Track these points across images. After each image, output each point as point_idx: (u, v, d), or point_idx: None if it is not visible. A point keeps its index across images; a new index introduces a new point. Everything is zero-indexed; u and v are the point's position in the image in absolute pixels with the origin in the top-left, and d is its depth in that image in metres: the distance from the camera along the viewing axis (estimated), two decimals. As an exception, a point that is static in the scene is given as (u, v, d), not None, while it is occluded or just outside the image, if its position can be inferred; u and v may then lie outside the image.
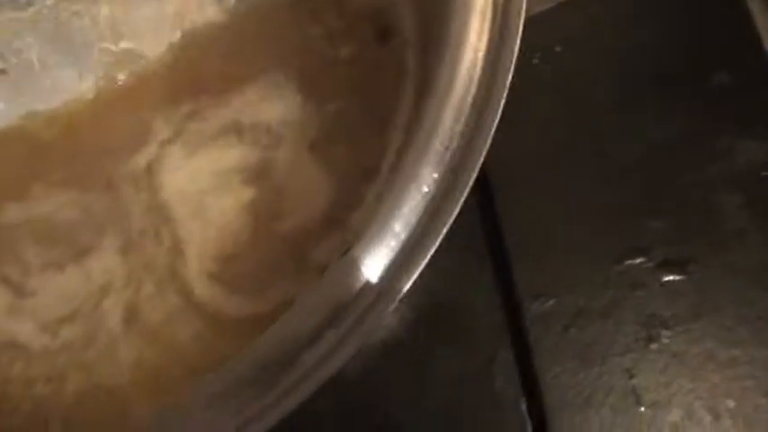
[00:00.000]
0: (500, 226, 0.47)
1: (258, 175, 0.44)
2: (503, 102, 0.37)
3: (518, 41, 0.37)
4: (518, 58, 0.38)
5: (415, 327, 0.46)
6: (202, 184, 0.45)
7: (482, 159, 0.37)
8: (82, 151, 0.45)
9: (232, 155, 0.45)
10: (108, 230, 0.44)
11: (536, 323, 0.46)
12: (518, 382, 0.46)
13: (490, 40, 0.38)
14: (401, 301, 0.36)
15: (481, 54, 0.38)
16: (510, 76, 0.37)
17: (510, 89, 0.37)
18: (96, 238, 0.44)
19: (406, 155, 0.38)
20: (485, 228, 0.47)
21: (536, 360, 0.45)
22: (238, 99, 0.45)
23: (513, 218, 0.47)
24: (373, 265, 0.37)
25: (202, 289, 0.44)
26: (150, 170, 0.45)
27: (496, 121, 0.37)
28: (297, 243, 0.43)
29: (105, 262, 0.44)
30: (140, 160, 0.45)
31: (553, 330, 0.46)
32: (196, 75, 0.46)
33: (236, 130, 0.45)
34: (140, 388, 0.42)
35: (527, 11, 0.38)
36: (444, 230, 0.37)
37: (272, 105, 0.45)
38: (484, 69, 0.38)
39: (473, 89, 0.38)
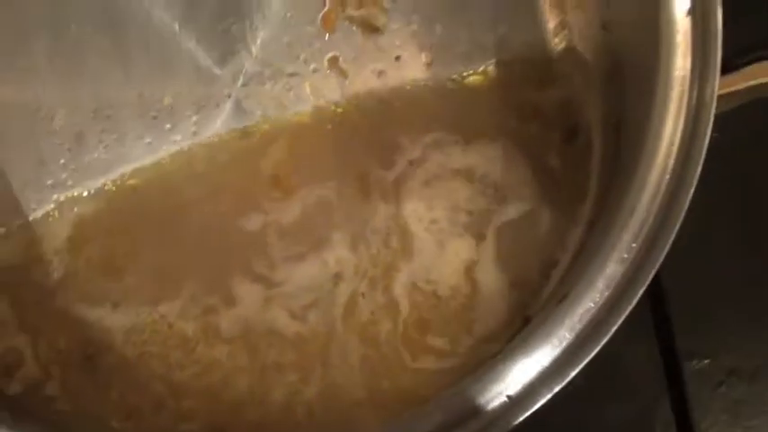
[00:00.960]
0: (662, 290, 0.53)
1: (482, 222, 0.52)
2: (693, 187, 0.44)
3: (708, 136, 0.44)
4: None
5: (585, 378, 0.52)
6: (436, 213, 0.52)
7: (674, 235, 0.44)
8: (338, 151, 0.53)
9: (462, 194, 0.52)
10: (341, 226, 0.52)
11: (692, 380, 0.52)
12: (675, 430, 0.52)
13: (683, 134, 0.45)
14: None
15: (675, 147, 0.45)
16: (700, 168, 0.44)
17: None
18: (330, 231, 0.52)
19: (607, 231, 0.45)
20: (649, 292, 0.54)
21: (692, 413, 0.52)
22: (475, 150, 0.53)
23: (675, 284, 0.53)
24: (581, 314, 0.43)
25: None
26: (397, 184, 0.53)
27: (687, 203, 0.44)
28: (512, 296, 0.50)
29: (338, 253, 0.52)
30: (390, 175, 0.53)
31: (708, 387, 0.52)
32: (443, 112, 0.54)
33: (468, 176, 0.53)
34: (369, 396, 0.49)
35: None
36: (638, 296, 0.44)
37: (497, 168, 0.53)
38: (677, 158, 0.44)
39: (667, 176, 0.44)
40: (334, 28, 0.55)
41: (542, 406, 0.48)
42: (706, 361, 0.53)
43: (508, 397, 0.42)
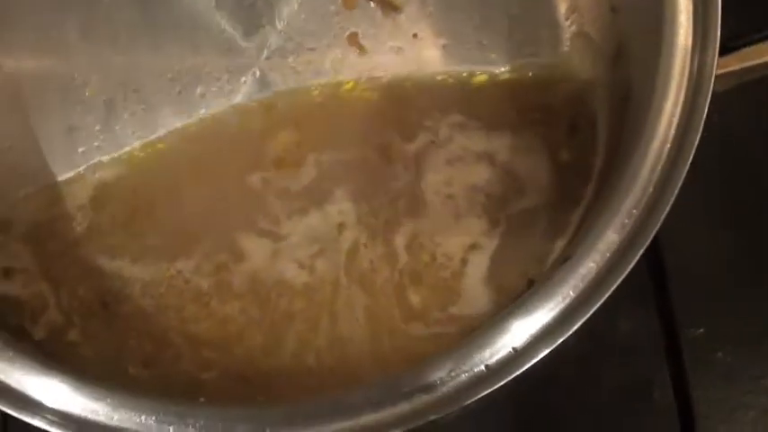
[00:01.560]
0: (661, 260, 0.56)
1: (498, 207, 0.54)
2: (691, 155, 0.46)
3: (706, 107, 0.47)
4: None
5: (587, 344, 0.54)
6: (454, 189, 0.55)
7: (671, 203, 0.46)
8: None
9: (483, 177, 0.55)
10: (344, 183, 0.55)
11: (690, 347, 0.55)
12: (672, 394, 0.54)
13: (684, 105, 0.47)
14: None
15: (676, 118, 0.47)
16: (698, 137, 0.47)
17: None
18: (332, 188, 0.55)
19: (610, 199, 0.47)
20: (648, 262, 0.56)
21: (689, 380, 0.54)
22: (499, 138, 0.55)
23: (673, 254, 0.56)
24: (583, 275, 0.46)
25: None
26: (417, 159, 0.55)
27: (684, 172, 0.46)
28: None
29: (340, 206, 0.55)
30: (412, 147, 0.56)
31: (705, 354, 0.54)
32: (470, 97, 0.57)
33: (490, 161, 0.55)
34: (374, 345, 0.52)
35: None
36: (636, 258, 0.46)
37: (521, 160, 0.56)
38: (677, 129, 0.47)
39: (668, 144, 0.47)
40: (354, 5, 0.58)
41: (543, 371, 0.49)
42: (702, 329, 0.55)
43: (514, 349, 0.44)
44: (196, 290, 0.54)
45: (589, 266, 0.46)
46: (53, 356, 0.51)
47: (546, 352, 0.44)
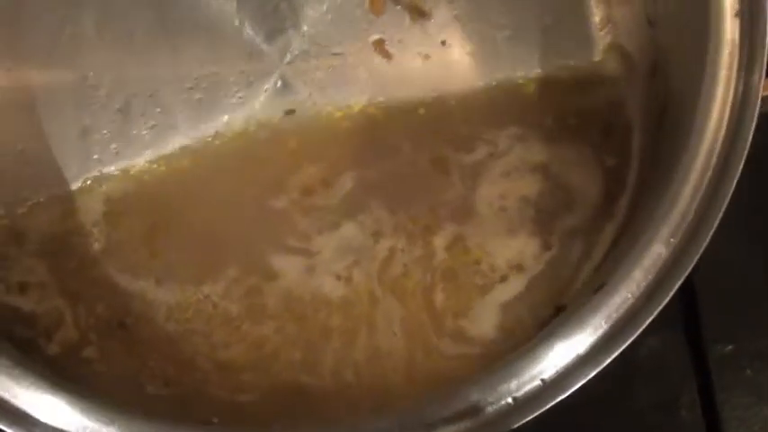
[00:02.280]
0: (689, 277, 0.55)
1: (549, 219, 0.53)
2: (734, 183, 0.45)
3: (752, 131, 0.46)
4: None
5: (613, 363, 0.53)
6: (507, 203, 0.53)
7: (713, 230, 0.45)
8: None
9: (535, 190, 0.54)
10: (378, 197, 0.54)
11: (717, 364, 0.54)
12: (700, 412, 0.54)
13: (728, 130, 0.46)
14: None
15: (719, 143, 0.46)
16: (743, 161, 0.45)
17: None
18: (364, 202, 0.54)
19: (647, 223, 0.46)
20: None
21: (716, 397, 0.54)
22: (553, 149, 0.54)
23: (701, 270, 0.55)
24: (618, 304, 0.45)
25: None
26: (474, 172, 0.54)
27: (728, 199, 0.45)
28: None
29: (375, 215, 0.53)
30: (468, 159, 0.54)
31: (732, 371, 0.54)
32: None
33: (544, 172, 0.54)
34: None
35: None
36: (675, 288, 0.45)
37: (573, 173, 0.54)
38: (720, 153, 0.46)
39: (709, 172, 0.46)
40: (381, 11, 0.56)
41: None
42: (731, 346, 0.55)
43: (542, 380, 0.43)
44: (225, 314, 0.52)
45: (624, 296, 0.44)
46: (65, 371, 0.50)
47: (577, 386, 0.43)
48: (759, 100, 0.46)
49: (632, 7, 0.55)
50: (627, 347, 0.52)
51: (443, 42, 0.56)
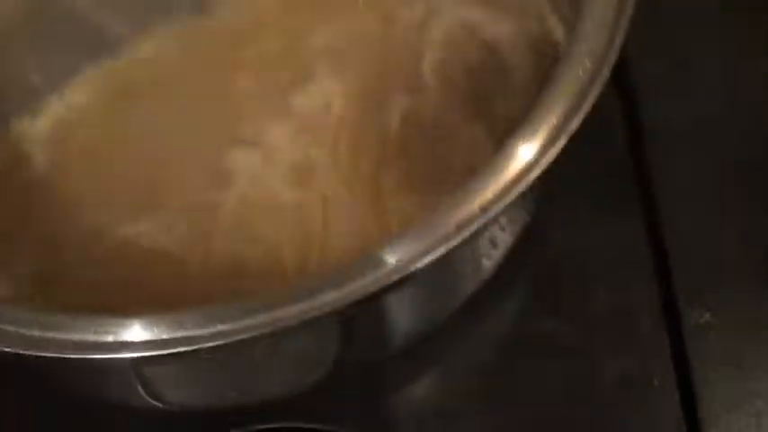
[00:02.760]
0: (664, 245, 0.52)
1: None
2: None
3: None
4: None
5: (583, 330, 0.50)
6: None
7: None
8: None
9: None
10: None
11: (693, 334, 0.51)
12: (674, 382, 0.50)
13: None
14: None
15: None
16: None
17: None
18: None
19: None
20: (651, 246, 0.53)
21: (692, 366, 0.50)
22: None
23: (677, 239, 0.53)
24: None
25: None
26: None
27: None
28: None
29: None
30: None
31: (708, 340, 0.51)
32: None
33: None
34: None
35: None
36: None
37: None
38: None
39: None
40: None
41: (534, 364, 0.51)
42: (707, 314, 0.51)
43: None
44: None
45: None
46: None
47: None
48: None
49: None
50: (599, 319, 0.49)
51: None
